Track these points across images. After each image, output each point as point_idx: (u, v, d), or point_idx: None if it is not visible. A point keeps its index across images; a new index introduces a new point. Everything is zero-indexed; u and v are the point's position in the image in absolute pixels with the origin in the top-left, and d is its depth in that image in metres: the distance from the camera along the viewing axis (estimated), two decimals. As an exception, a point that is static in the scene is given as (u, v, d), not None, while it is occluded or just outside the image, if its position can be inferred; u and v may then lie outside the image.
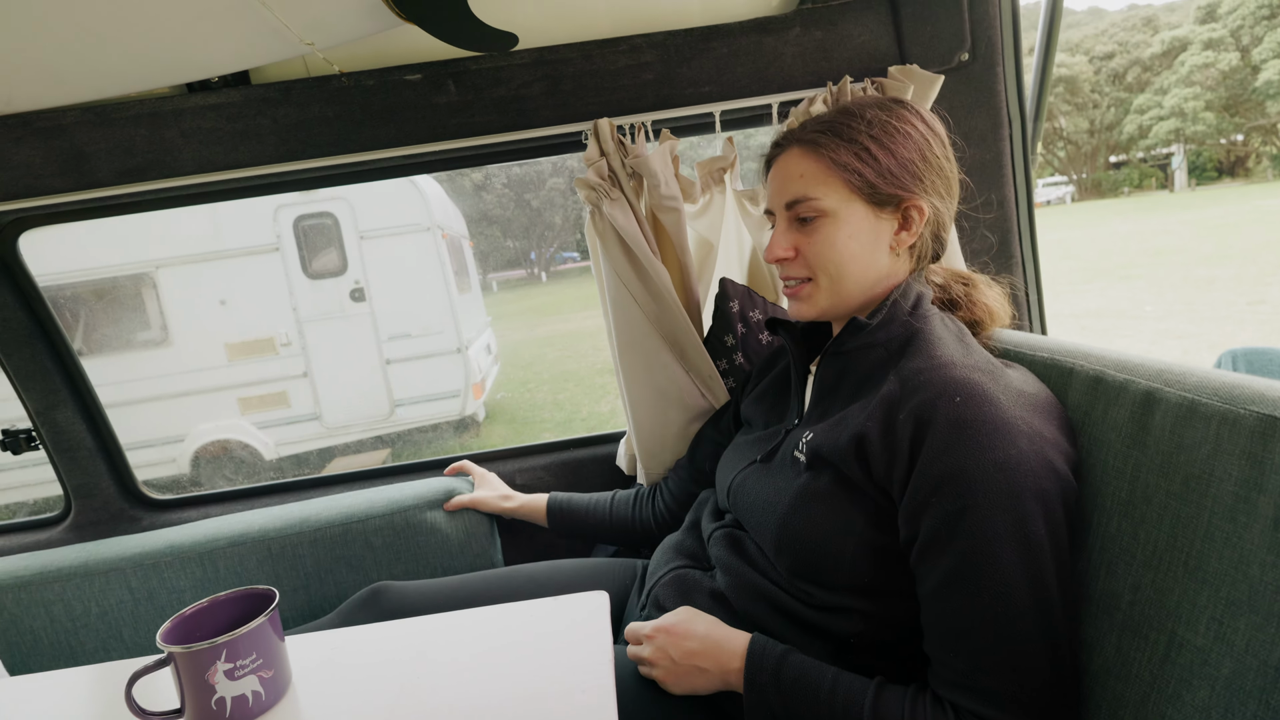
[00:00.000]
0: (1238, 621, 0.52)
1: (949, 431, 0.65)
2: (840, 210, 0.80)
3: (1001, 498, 0.62)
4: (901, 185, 0.80)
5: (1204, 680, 0.54)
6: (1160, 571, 0.59)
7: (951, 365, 0.70)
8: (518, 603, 0.81)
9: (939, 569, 0.66)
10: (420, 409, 5.33)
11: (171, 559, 1.30)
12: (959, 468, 0.64)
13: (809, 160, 0.81)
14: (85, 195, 1.20)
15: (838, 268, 0.81)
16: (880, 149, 0.80)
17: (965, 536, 0.63)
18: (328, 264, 5.05)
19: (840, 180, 0.80)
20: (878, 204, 0.81)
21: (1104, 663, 0.63)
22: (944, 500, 0.64)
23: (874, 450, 0.70)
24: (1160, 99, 28.37)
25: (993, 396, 0.66)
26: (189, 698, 0.63)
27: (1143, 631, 0.60)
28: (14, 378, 1.35)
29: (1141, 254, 11.44)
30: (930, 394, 0.68)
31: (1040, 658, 0.62)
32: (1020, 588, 0.62)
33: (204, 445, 5.04)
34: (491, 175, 22.55)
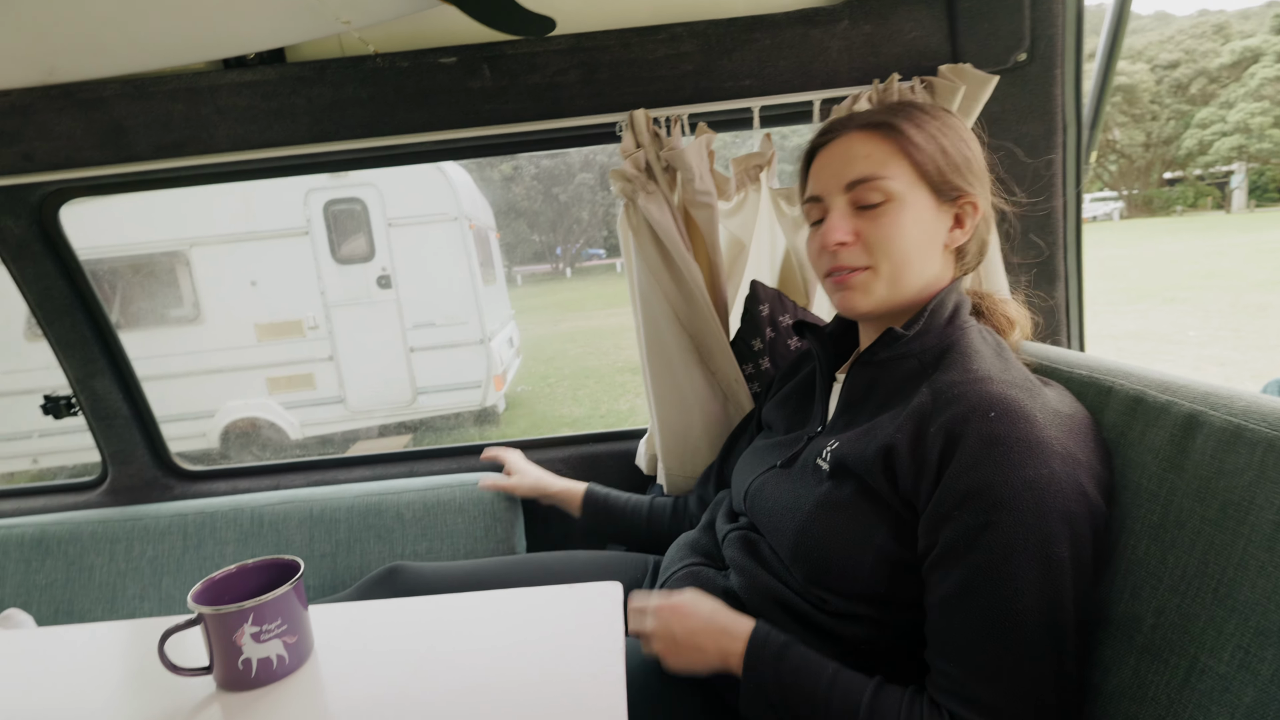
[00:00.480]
0: (1265, 651, 0.51)
1: (980, 447, 0.63)
2: (907, 195, 0.77)
3: (1027, 516, 0.61)
4: (964, 179, 0.79)
5: (1224, 707, 0.53)
6: (1187, 597, 0.58)
7: (988, 380, 0.68)
8: (534, 588, 0.82)
9: (951, 578, 0.64)
10: (442, 398, 5.39)
11: (219, 515, 1.35)
12: (986, 483, 0.62)
13: (875, 141, 0.79)
14: (124, 169, 1.22)
15: (903, 256, 0.78)
16: (946, 139, 0.79)
17: (984, 551, 0.62)
18: (356, 250, 5.11)
19: (909, 164, 0.78)
20: (940, 195, 0.79)
21: (1120, 684, 0.62)
22: (968, 514, 0.63)
23: (902, 463, 0.68)
24: (1225, 113, 27.06)
25: (1028, 414, 0.64)
26: (217, 657, 0.65)
27: (1163, 656, 0.58)
28: (55, 345, 1.40)
29: (1190, 276, 11.01)
30: (964, 408, 0.66)
31: (1045, 682, 0.61)
32: (1034, 608, 0.60)
33: (233, 421, 5.15)
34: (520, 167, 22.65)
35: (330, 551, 1.36)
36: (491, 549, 1.35)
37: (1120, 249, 16.10)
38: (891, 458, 0.69)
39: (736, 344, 1.25)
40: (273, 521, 1.37)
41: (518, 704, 0.61)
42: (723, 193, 1.26)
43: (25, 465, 5.01)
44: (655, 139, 1.18)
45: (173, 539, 1.37)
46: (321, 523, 1.37)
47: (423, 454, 1.51)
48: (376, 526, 1.36)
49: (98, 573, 1.37)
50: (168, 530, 1.37)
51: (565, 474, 1.47)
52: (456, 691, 0.63)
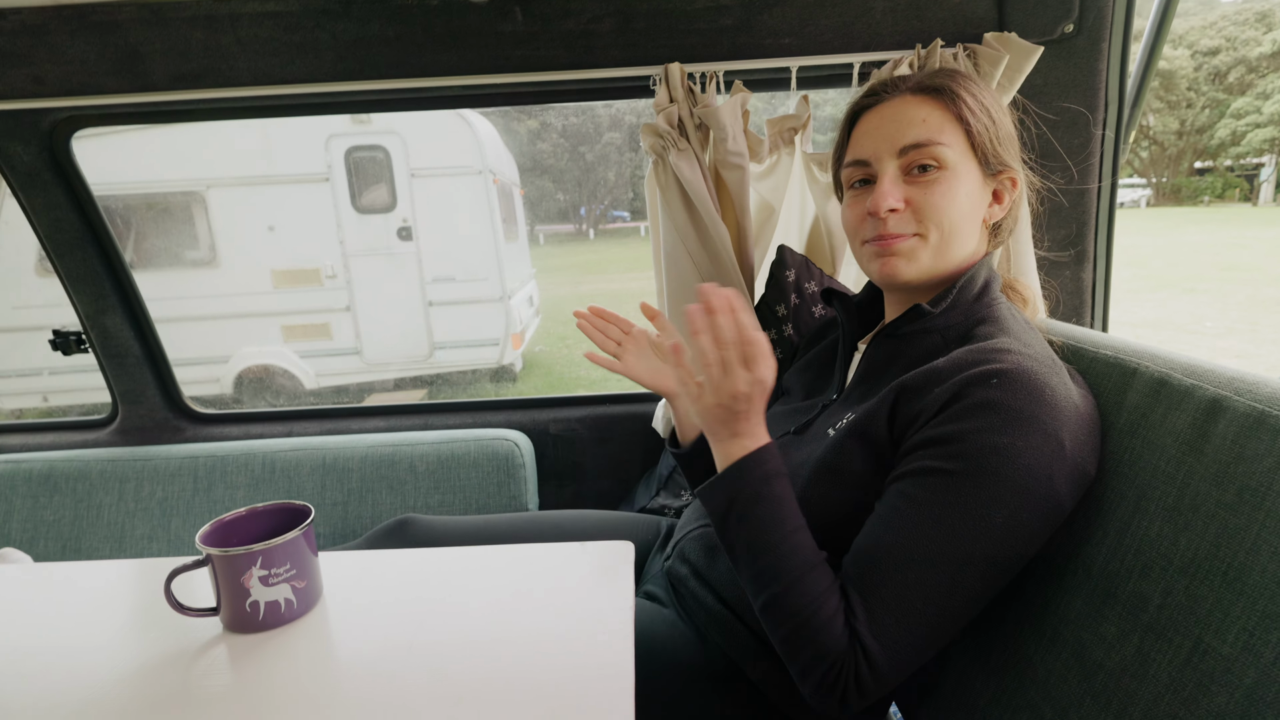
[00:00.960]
0: (1270, 635, 0.51)
1: (973, 407, 0.64)
2: (960, 165, 0.75)
3: (982, 476, 0.62)
4: (1009, 153, 0.78)
5: (1224, 687, 0.53)
6: (1196, 579, 0.57)
7: (1006, 351, 0.67)
8: (546, 544, 0.82)
9: (890, 501, 0.67)
10: (459, 353, 5.36)
11: (231, 458, 1.35)
12: (959, 435, 0.64)
13: (932, 106, 0.76)
14: (138, 98, 1.19)
15: (953, 225, 0.75)
16: (995, 111, 0.77)
17: (929, 489, 0.64)
18: (377, 199, 5.04)
19: (963, 133, 0.75)
20: (985, 168, 0.77)
21: (1122, 661, 0.62)
22: (929, 456, 0.65)
23: (906, 407, 0.69)
24: (1261, 104, 26.31)
25: (1033, 388, 0.64)
26: (225, 598, 0.65)
27: (1167, 635, 0.59)
28: (65, 279, 1.38)
29: (1211, 267, 10.90)
30: (975, 373, 0.66)
31: (927, 615, 0.63)
32: (950, 554, 0.63)
33: (247, 367, 5.15)
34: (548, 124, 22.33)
35: (342, 500, 1.36)
36: (504, 505, 1.35)
37: (1144, 236, 15.88)
38: (899, 399, 0.70)
39: (760, 308, 1.23)
40: (285, 468, 1.37)
41: (525, 658, 0.60)
42: (755, 154, 1.22)
43: (35, 402, 5.03)
44: (690, 95, 1.14)
45: (183, 481, 1.37)
46: (334, 471, 1.37)
47: (438, 407, 1.51)
48: (389, 477, 1.36)
49: (106, 512, 1.37)
50: (178, 472, 1.37)
51: (581, 434, 1.46)
52: (464, 643, 0.63)
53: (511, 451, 1.38)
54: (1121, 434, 0.69)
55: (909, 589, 0.64)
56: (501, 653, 0.61)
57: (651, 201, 1.23)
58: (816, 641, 0.64)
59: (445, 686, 0.57)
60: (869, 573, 0.66)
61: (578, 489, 1.47)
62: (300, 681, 0.59)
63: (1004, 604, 0.77)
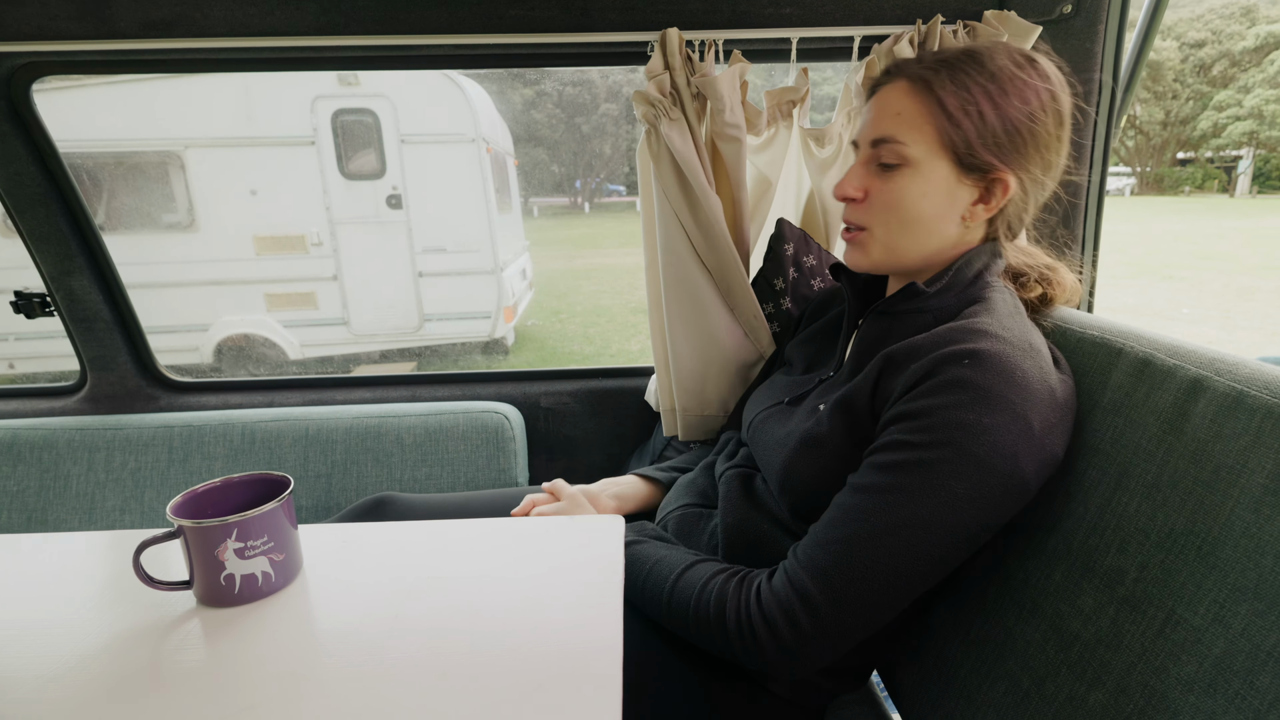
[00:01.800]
0: (1239, 607, 0.53)
1: (942, 385, 0.65)
2: (923, 163, 0.74)
3: (946, 450, 0.63)
4: (998, 154, 0.73)
5: (1193, 656, 0.56)
6: (1172, 553, 0.60)
7: (983, 334, 0.68)
8: (533, 517, 0.80)
9: (859, 472, 0.69)
10: (449, 326, 5.29)
11: (209, 428, 1.31)
12: (927, 410, 0.65)
13: (911, 99, 0.75)
14: (105, 45, 1.13)
15: (900, 224, 0.77)
16: (991, 106, 0.72)
17: (892, 463, 0.66)
18: (365, 165, 4.91)
19: (934, 131, 0.73)
20: (964, 168, 0.74)
21: (1098, 633, 0.64)
22: (898, 430, 0.67)
23: (885, 380, 0.71)
24: (1242, 97, 26.65)
25: (1005, 370, 0.65)
26: (198, 571, 0.63)
27: (1141, 607, 0.61)
28: (27, 238, 1.32)
29: (1189, 256, 11.22)
30: (948, 352, 0.67)
31: (878, 582, 0.65)
32: (907, 524, 0.64)
33: (228, 336, 5.04)
34: (543, 92, 21.93)
35: (325, 473, 1.33)
36: (493, 478, 1.33)
37: (1127, 224, 16.32)
38: (884, 371, 0.72)
39: (758, 282, 1.21)
40: (265, 439, 1.34)
41: (513, 631, 0.59)
42: (753, 127, 1.20)
43: (1, 369, 4.89)
44: (688, 63, 1.11)
45: (157, 451, 1.33)
46: (317, 443, 1.34)
47: (426, 379, 1.48)
48: (374, 450, 1.33)
49: (74, 482, 1.33)
50: (151, 442, 1.33)
51: (573, 407, 1.44)
52: (450, 616, 0.61)
53: (501, 424, 1.36)
54: (1105, 412, 0.71)
55: (860, 544, 0.65)
56: (488, 626, 0.60)
57: (643, 173, 1.20)
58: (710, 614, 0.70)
59: (430, 660, 0.56)
60: (824, 530, 0.68)
61: (568, 463, 1.46)
62: (278, 656, 0.57)
63: (985, 577, 0.79)
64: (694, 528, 0.89)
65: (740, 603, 0.70)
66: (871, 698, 0.95)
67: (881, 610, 0.67)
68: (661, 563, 0.79)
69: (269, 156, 4.80)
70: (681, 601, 0.74)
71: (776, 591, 0.68)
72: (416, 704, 0.51)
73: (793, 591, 0.67)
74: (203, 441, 1.33)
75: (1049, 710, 0.67)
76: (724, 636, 0.70)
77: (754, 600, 0.69)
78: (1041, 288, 0.85)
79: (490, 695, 0.52)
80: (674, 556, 0.79)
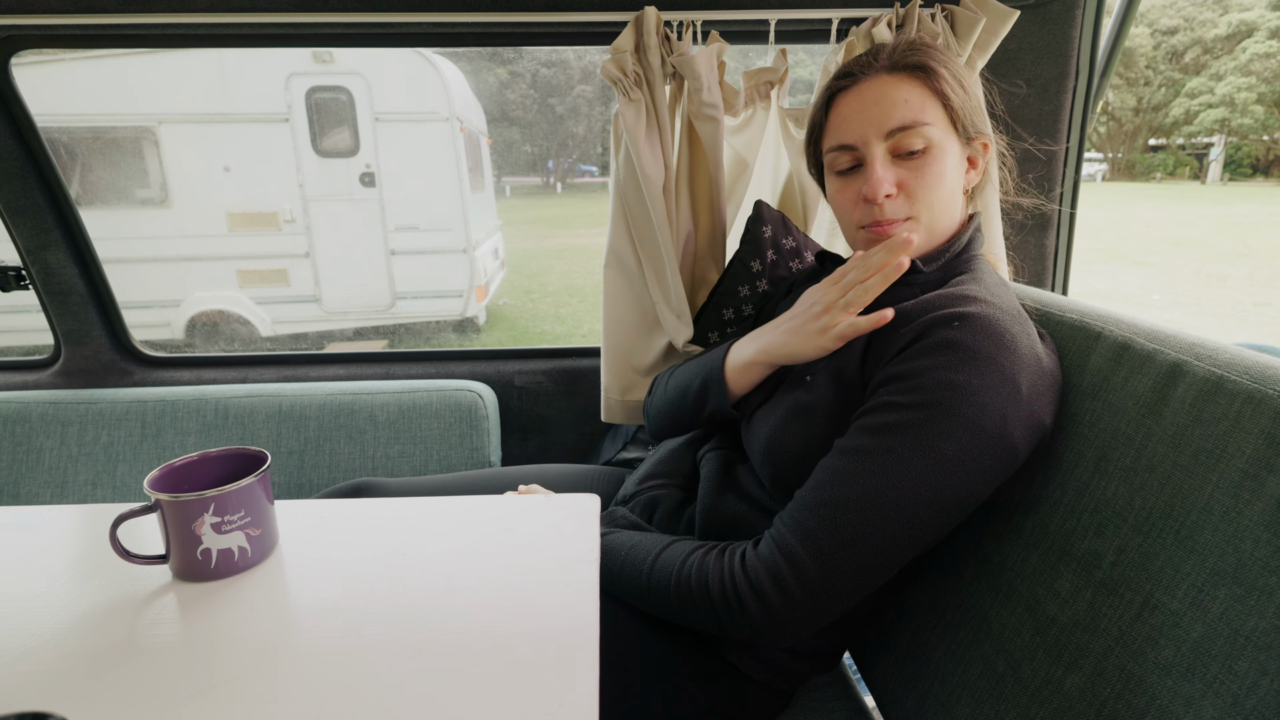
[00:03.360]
0: (1218, 591, 0.53)
1: (932, 347, 0.66)
2: (944, 142, 0.76)
3: (935, 410, 0.63)
4: (982, 119, 0.80)
5: (1171, 640, 0.56)
6: (1150, 537, 0.60)
7: (973, 299, 0.69)
8: (510, 495, 0.81)
9: (847, 435, 0.68)
10: (422, 304, 5.28)
11: (182, 404, 1.30)
12: (916, 371, 0.65)
13: (911, 86, 0.75)
14: (85, 19, 1.11)
15: (942, 204, 0.77)
16: (966, 80, 0.79)
17: (880, 425, 0.65)
18: (339, 143, 4.87)
19: (943, 110, 0.76)
20: (964, 140, 0.79)
21: (1075, 616, 0.65)
22: (887, 392, 0.67)
23: (874, 344, 0.72)
24: (1214, 85, 26.80)
25: (995, 333, 0.65)
26: (174, 546, 0.63)
27: (1119, 591, 0.61)
28: (3, 212, 1.30)
29: (1160, 242, 11.28)
30: (938, 316, 0.68)
31: (867, 548, 0.64)
32: (897, 487, 0.63)
33: (200, 312, 4.99)
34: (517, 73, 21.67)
35: (298, 449, 1.33)
36: (466, 457, 1.33)
37: (1099, 210, 16.33)
38: (874, 335, 0.73)
39: (734, 265, 1.21)
40: (239, 414, 1.33)
41: (489, 609, 0.60)
42: (730, 107, 1.20)
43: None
44: (665, 42, 1.11)
45: (130, 425, 1.32)
46: (290, 419, 1.33)
47: (400, 356, 1.47)
48: (348, 427, 1.33)
49: (47, 456, 1.32)
50: (125, 416, 1.32)
51: (546, 387, 1.44)
52: (425, 594, 0.62)
53: (475, 403, 1.36)
54: (1084, 396, 0.71)
55: (848, 507, 0.64)
56: (464, 604, 0.61)
57: (616, 139, 1.20)
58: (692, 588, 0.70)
59: (406, 637, 0.56)
60: (810, 493, 0.67)
61: (542, 442, 1.46)
62: (254, 630, 0.58)
63: (960, 560, 0.79)
64: (671, 507, 0.90)
65: (724, 571, 0.69)
66: (843, 679, 0.95)
67: (869, 575, 0.66)
68: (636, 548, 0.78)
69: (243, 133, 4.73)
70: (661, 581, 0.74)
71: (763, 556, 0.67)
72: (393, 679, 0.52)
73: (780, 555, 0.66)
74: (176, 417, 1.32)
75: (1025, 693, 0.67)
76: (709, 606, 0.70)
77: (738, 567, 0.69)
78: None
79: (467, 671, 0.52)
80: (648, 541, 0.79)
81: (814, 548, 0.65)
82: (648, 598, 0.76)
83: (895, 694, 0.84)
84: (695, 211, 1.24)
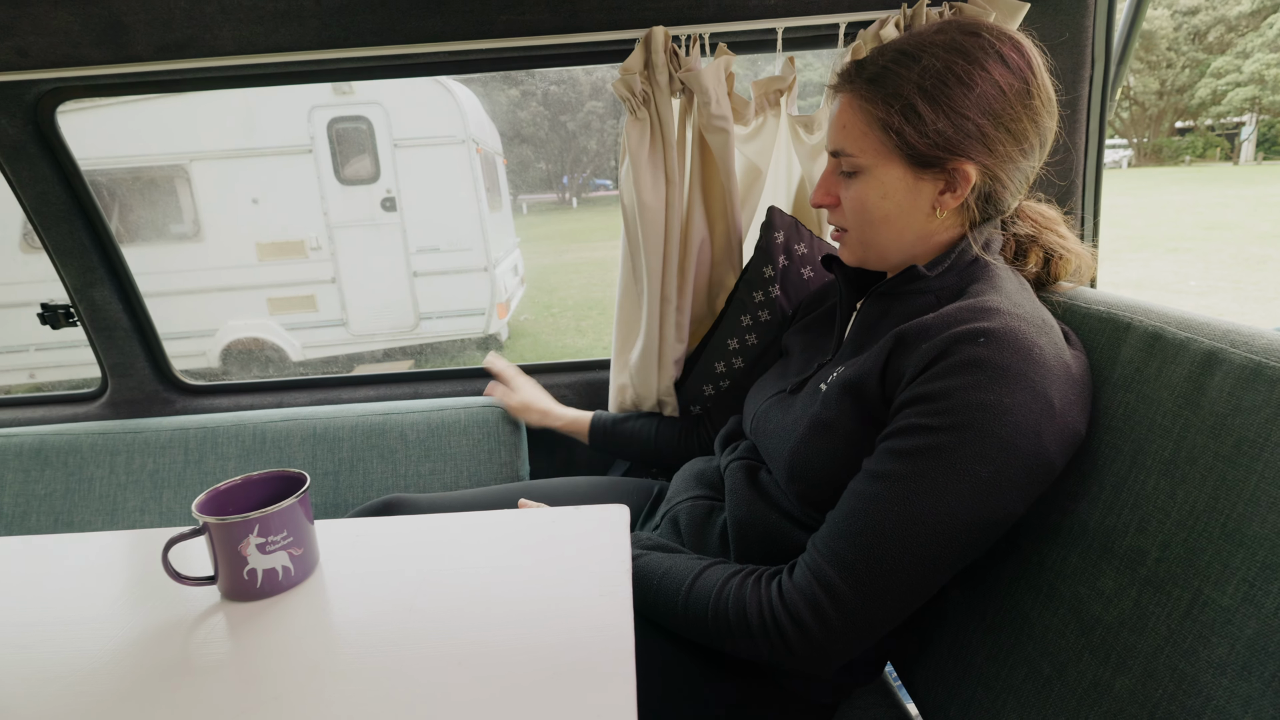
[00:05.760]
0: (1271, 585, 0.51)
1: (959, 365, 0.64)
2: (875, 169, 0.76)
3: (968, 432, 0.62)
4: (949, 147, 0.72)
5: (1224, 638, 0.54)
6: (1194, 531, 0.58)
7: (994, 311, 0.67)
8: (540, 508, 0.82)
9: (873, 457, 0.68)
10: (445, 323, 5.37)
11: (221, 430, 1.35)
12: (945, 392, 0.64)
13: (854, 110, 0.76)
14: (123, 69, 1.17)
15: (869, 225, 0.79)
16: (929, 105, 0.71)
17: (913, 449, 0.64)
18: (360, 170, 4.99)
19: (879, 136, 0.75)
20: (919, 164, 0.74)
21: (1120, 615, 0.63)
22: (915, 414, 0.65)
23: (894, 360, 0.70)
24: (1241, 63, 25.98)
25: (1022, 346, 0.63)
26: (222, 567, 0.65)
27: (1165, 588, 0.59)
28: (53, 253, 1.37)
29: (1194, 227, 10.95)
30: (960, 331, 0.65)
31: (907, 575, 0.64)
32: (933, 512, 0.63)
33: (234, 341, 5.13)
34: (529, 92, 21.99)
35: (333, 470, 1.36)
36: (495, 471, 1.35)
37: (1126, 197, 15.95)
38: (894, 351, 0.71)
39: (748, 272, 1.23)
40: (275, 438, 1.37)
41: (525, 620, 0.61)
42: (740, 117, 1.21)
43: (22, 379, 5.00)
44: (673, 58, 1.13)
45: (173, 453, 1.37)
46: (324, 441, 1.37)
47: (427, 375, 1.51)
48: (379, 447, 1.36)
49: (97, 485, 1.37)
50: (168, 444, 1.37)
51: (571, 401, 1.46)
52: (463, 607, 0.64)
53: (502, 419, 1.38)
54: (1116, 389, 0.69)
55: (884, 535, 0.64)
56: (501, 615, 0.62)
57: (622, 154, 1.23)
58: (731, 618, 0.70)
59: (446, 649, 0.58)
60: (844, 521, 0.67)
61: (568, 455, 1.48)
62: (300, 647, 0.60)
63: (999, 561, 0.78)
64: (705, 520, 0.90)
65: (763, 601, 0.69)
66: (884, 687, 0.94)
67: (909, 599, 0.65)
68: (670, 574, 0.78)
69: (269, 166, 4.89)
70: (698, 610, 0.73)
71: (800, 586, 0.67)
72: (434, 692, 0.53)
73: (817, 586, 0.66)
74: (216, 442, 1.37)
75: (1073, 696, 0.65)
76: (748, 638, 0.69)
77: (776, 597, 0.68)
78: (1044, 255, 0.83)
79: (506, 683, 0.54)
80: (681, 565, 0.78)
81: (852, 578, 0.65)
82: (685, 626, 0.75)
83: (938, 701, 0.83)
84: (710, 220, 1.26)
